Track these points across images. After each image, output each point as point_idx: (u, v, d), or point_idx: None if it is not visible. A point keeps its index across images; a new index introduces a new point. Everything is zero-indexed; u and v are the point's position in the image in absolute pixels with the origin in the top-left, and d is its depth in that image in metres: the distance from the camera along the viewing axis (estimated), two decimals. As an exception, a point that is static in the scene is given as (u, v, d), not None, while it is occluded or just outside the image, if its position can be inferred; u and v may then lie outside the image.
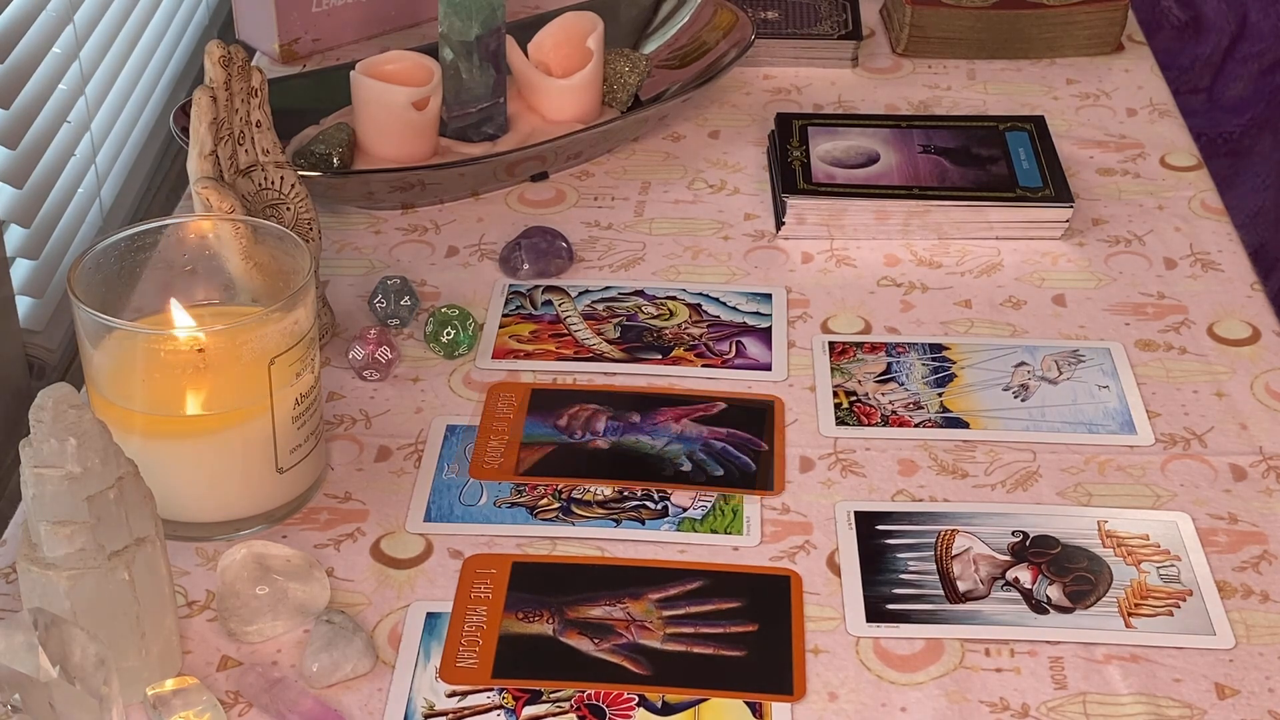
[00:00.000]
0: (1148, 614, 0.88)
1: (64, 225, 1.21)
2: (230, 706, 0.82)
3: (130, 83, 1.35)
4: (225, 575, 0.86)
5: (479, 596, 0.88)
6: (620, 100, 1.33)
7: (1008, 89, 1.41)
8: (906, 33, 1.46)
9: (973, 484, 0.97)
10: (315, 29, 1.46)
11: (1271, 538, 0.93)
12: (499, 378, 1.06)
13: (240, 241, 0.94)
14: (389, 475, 0.97)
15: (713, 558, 0.92)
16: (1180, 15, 2.12)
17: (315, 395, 0.92)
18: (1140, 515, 0.95)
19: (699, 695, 0.83)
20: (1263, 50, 2.13)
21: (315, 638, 0.84)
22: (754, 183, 1.28)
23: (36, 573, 0.77)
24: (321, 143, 1.22)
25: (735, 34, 1.37)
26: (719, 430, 1.01)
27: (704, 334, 1.10)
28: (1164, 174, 1.28)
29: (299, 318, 0.89)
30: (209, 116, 0.98)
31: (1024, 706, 0.82)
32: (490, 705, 0.82)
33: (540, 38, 1.32)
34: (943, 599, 0.89)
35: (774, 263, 1.18)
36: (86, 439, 0.75)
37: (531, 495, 0.96)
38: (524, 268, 1.15)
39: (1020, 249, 1.19)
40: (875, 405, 1.03)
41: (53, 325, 1.18)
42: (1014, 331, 1.10)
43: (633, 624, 0.87)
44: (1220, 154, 2.00)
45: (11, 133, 1.10)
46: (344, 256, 1.18)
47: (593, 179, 1.28)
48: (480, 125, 1.28)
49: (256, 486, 0.91)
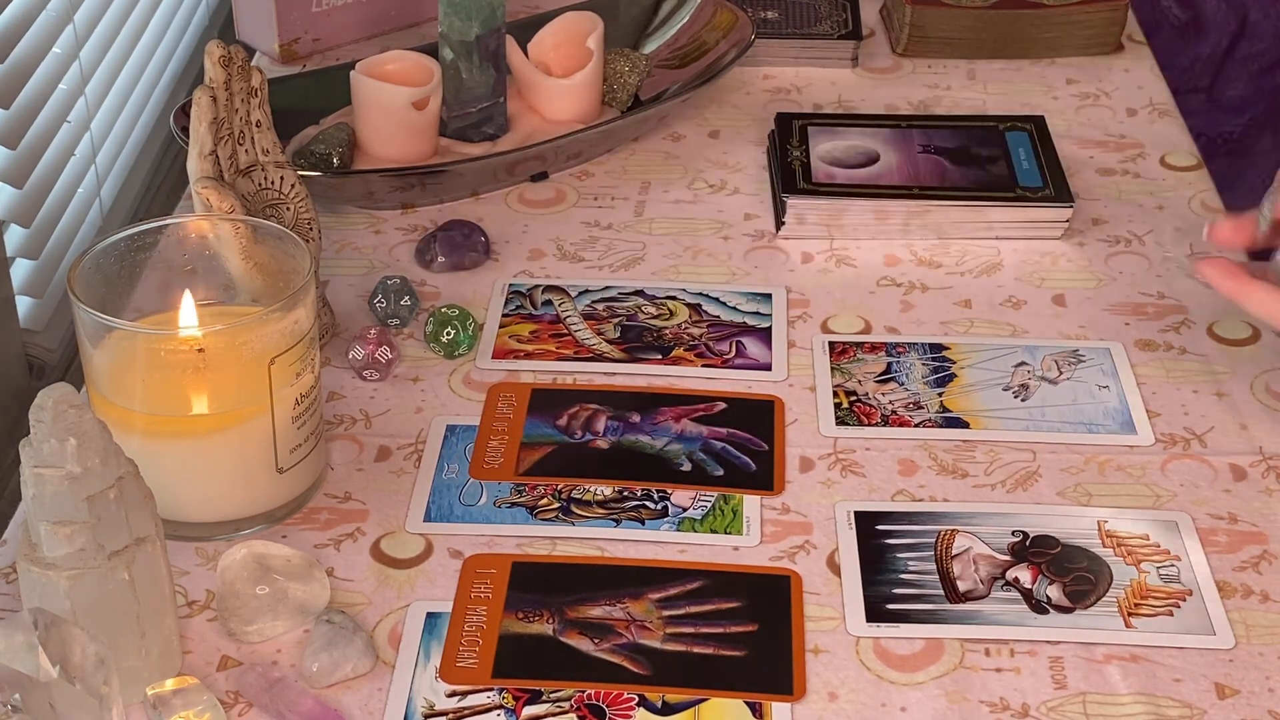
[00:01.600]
0: (1148, 614, 0.88)
1: (64, 225, 1.21)
2: (230, 706, 0.82)
3: (130, 83, 1.35)
4: (225, 575, 0.86)
5: (479, 596, 0.88)
6: (620, 100, 1.33)
7: (1008, 89, 1.41)
8: (906, 33, 1.46)
9: (973, 484, 0.97)
10: (315, 29, 1.46)
11: (1271, 538, 0.93)
12: (499, 378, 1.06)
13: (240, 241, 0.94)
14: (389, 475, 0.97)
15: (713, 558, 0.92)
16: (1180, 15, 2.12)
17: (315, 395, 0.92)
18: (1140, 515, 0.95)
19: (699, 695, 0.83)
20: (1263, 50, 2.13)
21: (315, 638, 0.84)
22: (754, 183, 1.28)
23: (36, 573, 0.77)
24: (321, 143, 1.22)
25: (735, 34, 1.37)
26: (719, 430, 1.01)
27: (704, 334, 1.10)
28: (1164, 174, 1.29)
29: (299, 318, 0.89)
30: (209, 116, 0.98)
31: (1024, 706, 0.82)
32: (490, 705, 0.82)
33: (540, 38, 1.32)
34: (943, 599, 0.89)
35: (774, 263, 1.18)
36: (86, 439, 0.75)
37: (531, 495, 0.96)
38: (438, 260, 1.15)
39: (1020, 249, 1.19)
40: (875, 405, 1.03)
41: (53, 325, 1.18)
42: (1014, 331, 1.10)
43: (633, 624, 0.87)
44: (1220, 154, 2.00)
45: (11, 133, 1.10)
46: (344, 256, 1.18)
47: (593, 179, 1.28)
48: (480, 125, 1.28)
49: (256, 486, 0.91)
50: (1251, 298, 0.91)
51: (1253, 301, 0.91)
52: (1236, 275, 0.92)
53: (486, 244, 1.17)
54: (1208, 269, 0.93)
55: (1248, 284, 0.91)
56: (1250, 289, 0.91)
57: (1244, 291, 0.91)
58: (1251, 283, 0.91)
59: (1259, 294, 0.91)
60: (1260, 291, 0.91)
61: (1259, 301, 0.91)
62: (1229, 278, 0.92)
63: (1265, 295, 0.90)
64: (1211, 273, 0.93)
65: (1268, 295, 0.90)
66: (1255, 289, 0.91)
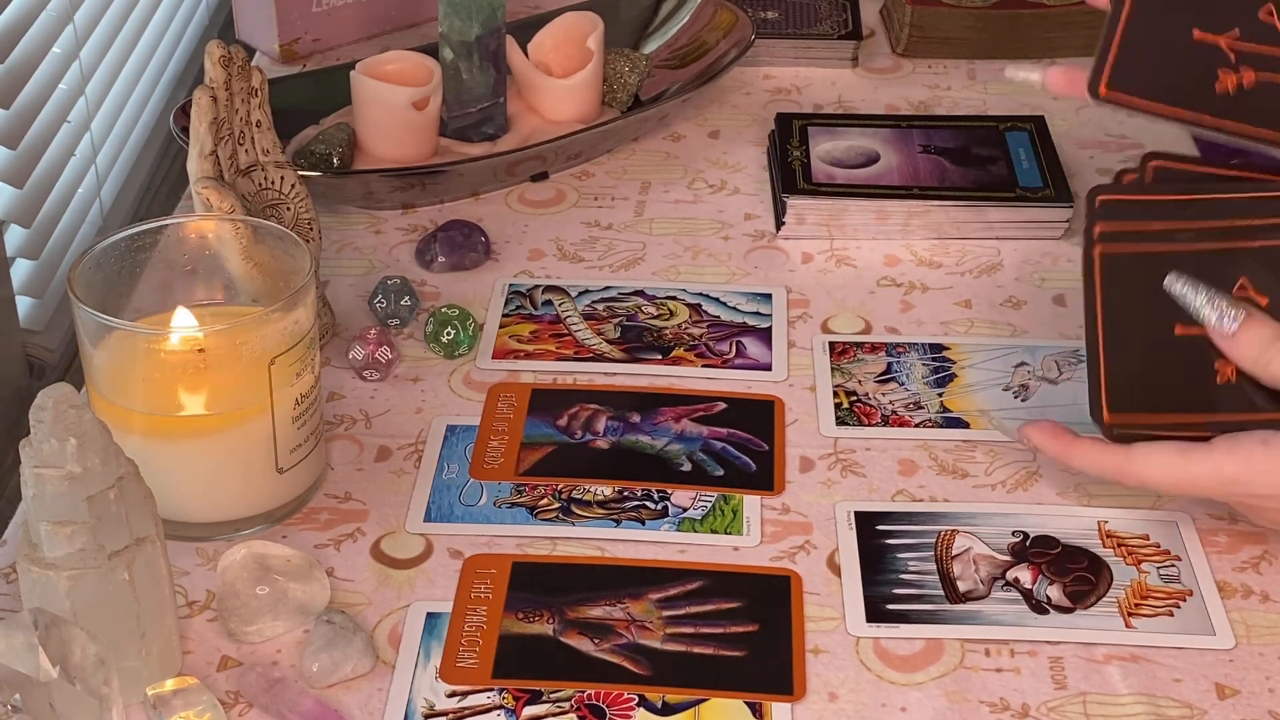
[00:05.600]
0: (1148, 614, 0.88)
1: (64, 225, 1.21)
2: (230, 706, 0.82)
3: (130, 83, 1.35)
4: (225, 575, 0.86)
5: (479, 596, 0.88)
6: (620, 100, 1.33)
7: (1008, 89, 1.41)
8: (906, 33, 1.46)
9: (973, 484, 0.97)
10: (315, 29, 1.46)
11: (1272, 538, 0.93)
12: (499, 378, 1.06)
13: (240, 241, 0.94)
14: (389, 475, 0.97)
15: (713, 558, 0.92)
16: (1180, 15, 2.11)
17: (315, 395, 0.92)
18: (1140, 515, 0.95)
19: (699, 695, 0.83)
20: (1263, 50, 2.13)
21: (315, 638, 0.84)
22: (754, 183, 1.28)
23: (36, 573, 0.77)
24: (321, 143, 1.22)
25: (735, 34, 1.38)
26: (719, 430, 1.01)
27: (704, 334, 1.10)
28: (1164, 174, 1.28)
29: (299, 318, 0.89)
30: (209, 116, 0.98)
31: (1024, 706, 0.82)
32: (490, 705, 0.82)
33: (540, 38, 1.32)
34: (943, 599, 0.89)
35: (774, 263, 1.18)
36: (86, 439, 0.75)
37: (531, 495, 0.96)
38: (438, 260, 1.15)
39: (1020, 249, 1.19)
40: (875, 405, 1.03)
41: (53, 325, 1.18)
42: (1014, 331, 1.11)
43: (633, 624, 0.87)
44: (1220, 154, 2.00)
45: (11, 133, 1.10)
46: (344, 256, 1.18)
47: (593, 179, 1.28)
48: (480, 125, 1.28)
49: (256, 486, 0.91)
50: (1076, 456, 0.91)
51: (1078, 460, 0.91)
52: (1059, 435, 0.92)
53: (486, 244, 1.17)
54: (1033, 433, 0.93)
55: (1072, 443, 0.91)
56: (1074, 448, 0.91)
57: (1068, 452, 0.91)
58: (1076, 442, 0.91)
59: (1084, 451, 0.90)
60: (1085, 449, 0.90)
61: (1085, 459, 0.90)
62: (1052, 439, 0.92)
63: (1090, 452, 0.90)
64: (1038, 437, 0.93)
65: (1093, 452, 0.90)
66: (1079, 447, 0.91)
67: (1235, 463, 0.86)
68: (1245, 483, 0.86)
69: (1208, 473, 0.87)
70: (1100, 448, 0.90)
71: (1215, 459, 0.86)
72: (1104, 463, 0.90)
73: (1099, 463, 0.90)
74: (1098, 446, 0.90)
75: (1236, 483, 0.86)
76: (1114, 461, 0.89)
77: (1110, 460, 0.90)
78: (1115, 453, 0.89)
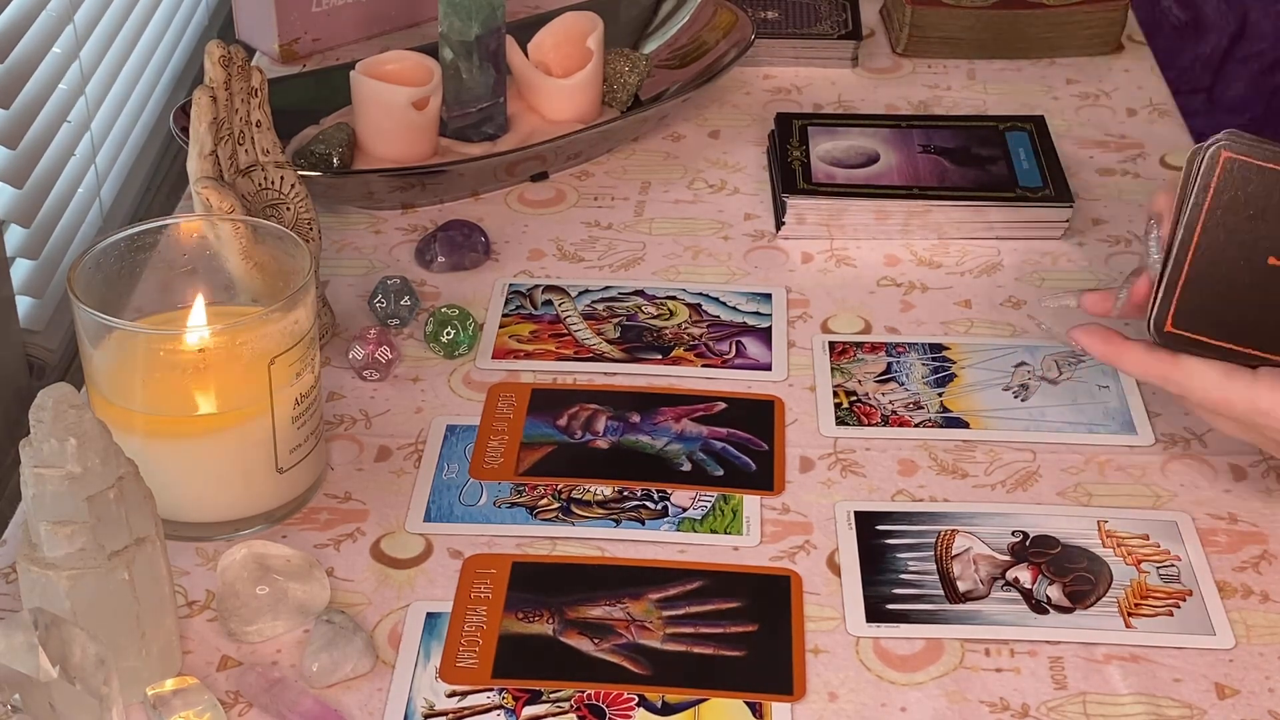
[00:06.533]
0: (1148, 614, 0.88)
1: (64, 225, 1.21)
2: (230, 706, 0.82)
3: (130, 83, 1.35)
4: (225, 575, 0.86)
5: (479, 596, 0.88)
6: (620, 100, 1.33)
7: (1008, 89, 1.41)
8: (906, 33, 1.46)
9: (973, 484, 0.97)
10: (315, 29, 1.46)
11: (1271, 538, 0.93)
12: (499, 378, 1.06)
13: (240, 241, 0.94)
14: (389, 475, 0.97)
15: (713, 558, 0.92)
16: (1180, 15, 2.12)
17: (315, 395, 0.92)
18: (1140, 515, 0.95)
19: (699, 695, 0.83)
20: (1263, 50, 2.13)
21: (315, 638, 0.84)
22: (754, 183, 1.28)
23: (36, 573, 0.77)
24: (321, 143, 1.22)
25: (735, 34, 1.38)
26: (719, 430, 1.01)
27: (704, 334, 1.10)
28: (1164, 174, 1.28)
29: (299, 318, 0.89)
30: (209, 116, 0.98)
31: (1024, 706, 0.82)
32: (490, 705, 0.82)
33: (540, 38, 1.32)
34: (943, 599, 0.89)
35: (774, 263, 1.18)
36: (86, 439, 0.75)
37: (531, 495, 0.96)
38: (438, 260, 1.15)
39: (1020, 249, 1.19)
40: (875, 405, 1.03)
41: (53, 325, 1.18)
42: (1014, 331, 1.11)
43: (633, 624, 0.87)
44: (1220, 154, 2.00)
45: (11, 133, 1.10)
46: (344, 256, 1.18)
47: (593, 179, 1.28)
48: (480, 125, 1.28)
49: (256, 486, 0.91)
50: (1126, 359, 0.93)
51: (1128, 363, 0.93)
52: (1110, 339, 0.93)
53: (486, 244, 1.17)
54: (1082, 336, 0.94)
55: (1121, 346, 0.92)
56: (1124, 351, 0.93)
57: (1118, 354, 0.93)
58: (1125, 344, 0.92)
59: (1134, 355, 0.92)
60: (1135, 352, 0.92)
61: (1134, 362, 0.92)
62: (1103, 342, 0.93)
63: (1140, 356, 0.92)
64: (1086, 339, 0.94)
65: (1143, 355, 0.92)
66: (1129, 350, 0.92)
67: (1274, 396, 0.88)
68: (1278, 417, 0.88)
69: (1244, 398, 0.88)
70: (1149, 351, 0.92)
71: (1256, 389, 0.88)
72: (1151, 367, 0.92)
73: (1147, 366, 0.92)
74: (1147, 350, 0.92)
75: (1269, 415, 0.88)
76: (1161, 368, 0.91)
77: (1157, 366, 0.91)
78: (1163, 358, 0.91)
